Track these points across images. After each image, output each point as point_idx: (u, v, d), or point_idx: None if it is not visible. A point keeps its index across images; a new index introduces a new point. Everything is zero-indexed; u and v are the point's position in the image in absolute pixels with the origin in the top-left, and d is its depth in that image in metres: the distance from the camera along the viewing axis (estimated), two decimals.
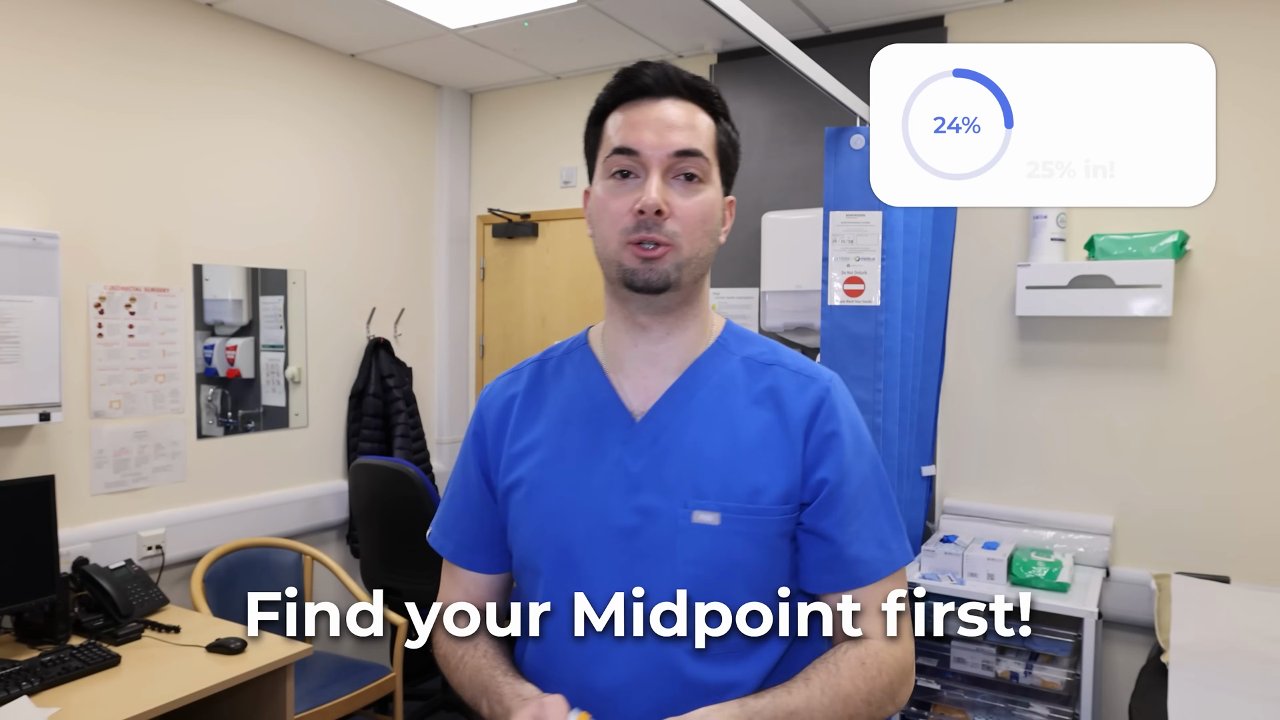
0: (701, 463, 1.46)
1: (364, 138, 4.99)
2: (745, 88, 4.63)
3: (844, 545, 1.47)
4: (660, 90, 1.49)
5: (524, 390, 1.62)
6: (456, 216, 5.50)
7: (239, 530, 4.28)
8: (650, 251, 1.44)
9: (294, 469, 4.66)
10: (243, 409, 4.41)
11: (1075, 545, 3.76)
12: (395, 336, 5.16)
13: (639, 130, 1.46)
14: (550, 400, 1.59)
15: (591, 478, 1.49)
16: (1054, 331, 3.92)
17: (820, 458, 1.48)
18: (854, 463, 1.50)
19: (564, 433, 1.54)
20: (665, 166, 1.46)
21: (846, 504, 1.48)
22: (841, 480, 1.48)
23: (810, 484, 1.48)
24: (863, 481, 1.50)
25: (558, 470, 1.52)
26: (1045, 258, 3.75)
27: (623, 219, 1.45)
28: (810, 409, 1.50)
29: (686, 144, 1.47)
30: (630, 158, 1.46)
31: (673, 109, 1.48)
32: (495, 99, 5.50)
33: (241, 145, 4.36)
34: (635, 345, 1.54)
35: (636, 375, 1.55)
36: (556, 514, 1.50)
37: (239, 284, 4.36)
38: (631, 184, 1.46)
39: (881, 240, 3.07)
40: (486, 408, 1.64)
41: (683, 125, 1.48)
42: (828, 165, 3.14)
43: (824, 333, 3.18)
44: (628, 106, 1.49)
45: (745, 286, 4.63)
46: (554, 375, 1.62)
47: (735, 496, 1.45)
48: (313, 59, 4.69)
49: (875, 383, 3.10)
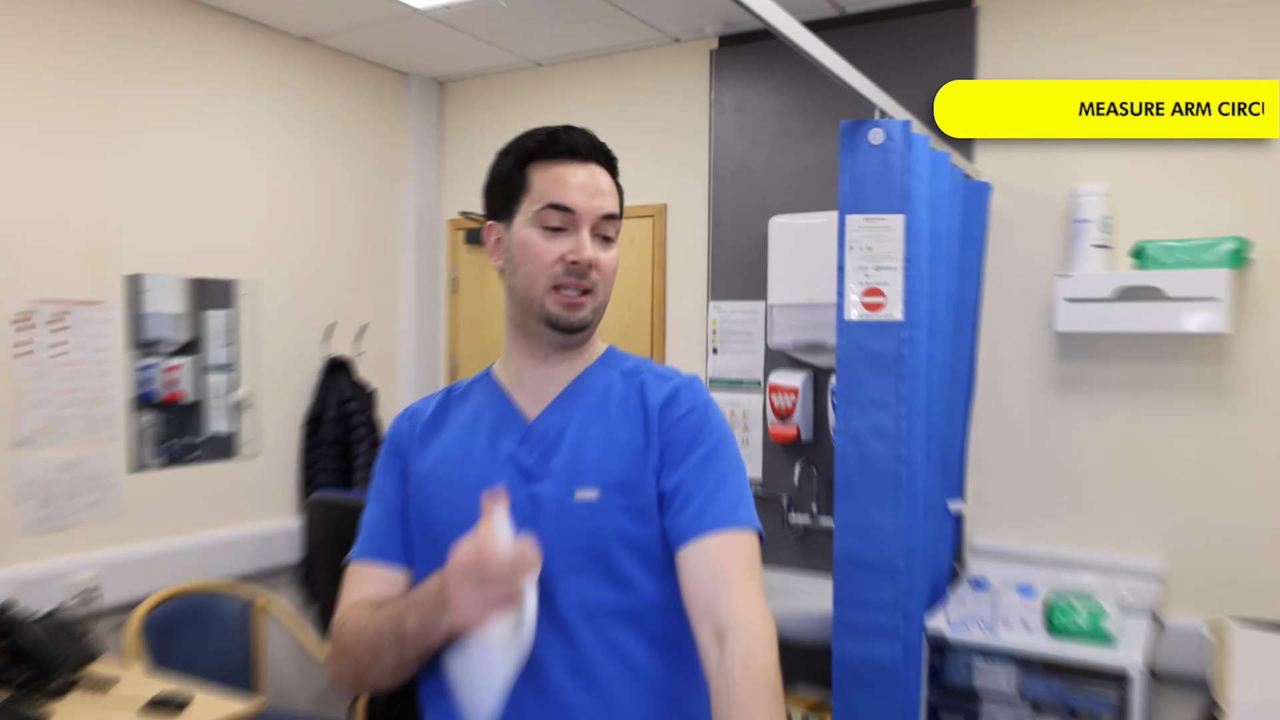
0: (582, 452, 1.83)
1: (322, 133, 4.98)
2: (750, 76, 4.62)
3: (693, 492, 1.78)
4: (587, 155, 1.86)
5: (434, 410, 1.99)
6: (425, 220, 5.49)
7: (181, 573, 4.24)
8: (576, 299, 1.84)
9: (243, 504, 4.63)
10: (185, 437, 4.38)
11: (1120, 590, 3.74)
12: (356, 355, 5.14)
13: (573, 191, 1.82)
14: (456, 416, 1.97)
15: (491, 473, 1.83)
16: (1097, 349, 3.91)
17: (671, 430, 1.84)
18: (701, 433, 1.84)
19: (468, 439, 1.91)
20: (592, 225, 1.84)
21: (695, 463, 1.81)
22: (690, 445, 1.82)
23: (663, 451, 1.83)
24: (712, 450, 1.83)
25: (463, 470, 1.87)
26: (1087, 267, 3.74)
27: (552, 266, 1.82)
28: (665, 397, 1.88)
29: (612, 209, 1.87)
30: (565, 215, 1.82)
31: (599, 175, 1.87)
32: (469, 89, 5.49)
33: (184, 140, 4.34)
34: (536, 369, 1.93)
35: (533, 390, 1.93)
36: (461, 504, 1.79)
37: (181, 296, 4.33)
38: (562, 237, 1.82)
39: (904, 246, 3.05)
40: (400, 426, 2.00)
41: (607, 191, 1.87)
42: (843, 162, 3.12)
43: (839, 351, 3.16)
44: (556, 164, 1.85)
45: (748, 300, 4.61)
46: (460, 399, 2.01)
47: (610, 475, 1.80)
48: (264, 44, 4.68)
49: (897, 407, 3.08)
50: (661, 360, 4.84)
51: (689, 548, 1.74)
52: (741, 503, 1.80)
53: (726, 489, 1.80)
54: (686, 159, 4.82)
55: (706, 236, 4.78)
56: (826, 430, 4.36)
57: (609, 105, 5.01)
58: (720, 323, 4.72)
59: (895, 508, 3.05)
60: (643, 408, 1.87)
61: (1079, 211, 3.78)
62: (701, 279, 4.79)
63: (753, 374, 4.65)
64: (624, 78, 4.99)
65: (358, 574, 1.92)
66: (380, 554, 1.92)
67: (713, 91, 4.75)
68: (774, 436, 4.45)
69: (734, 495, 1.80)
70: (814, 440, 4.47)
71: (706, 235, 4.78)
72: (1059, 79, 3.75)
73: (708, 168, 4.77)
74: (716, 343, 4.73)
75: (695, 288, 4.81)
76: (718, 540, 1.73)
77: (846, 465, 3.11)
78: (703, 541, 1.73)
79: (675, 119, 4.85)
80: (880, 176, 3.06)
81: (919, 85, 3.95)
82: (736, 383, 4.68)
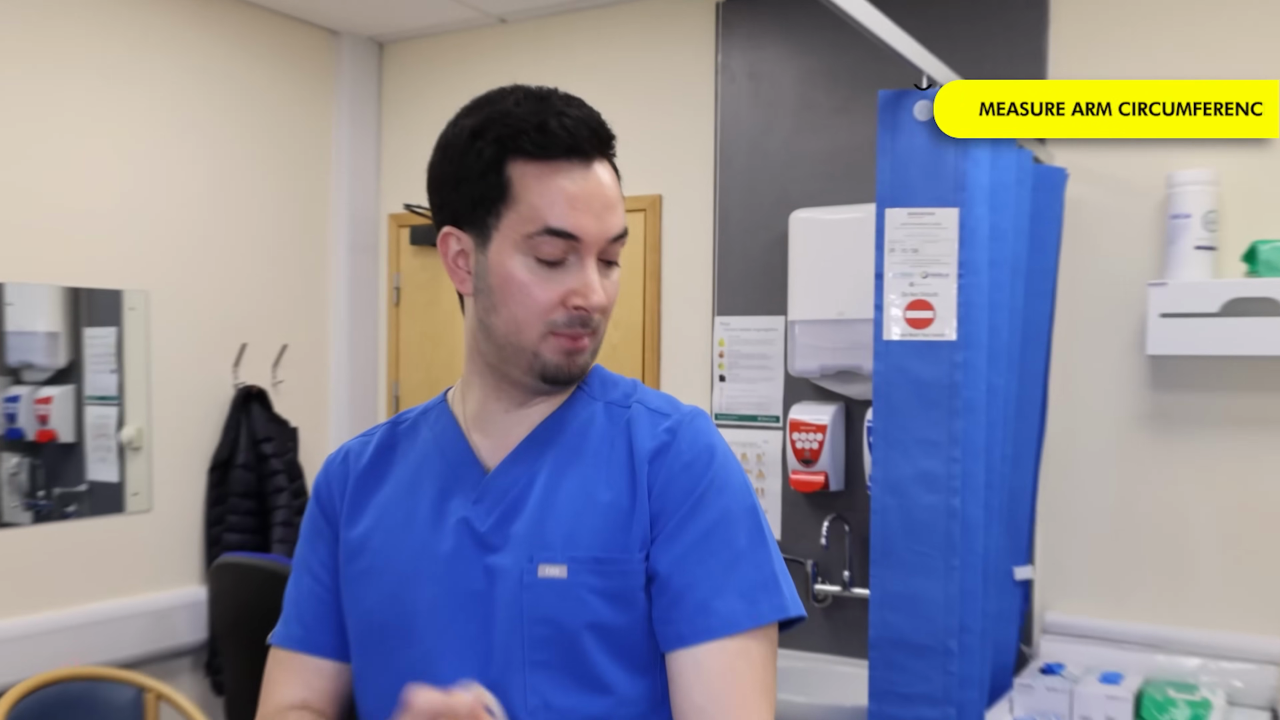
0: (549, 514, 1.74)
1: (229, 106, 4.98)
2: (766, 37, 4.62)
3: (687, 587, 1.69)
4: (591, 149, 1.71)
5: (373, 453, 1.91)
6: (360, 216, 5.49)
7: (56, 656, 4.19)
8: (577, 345, 1.73)
9: (133, 570, 4.62)
10: (60, 486, 4.37)
11: (1230, 678, 3.73)
12: (274, 384, 5.14)
13: (579, 213, 1.68)
14: (400, 463, 1.89)
15: (435, 545, 1.76)
16: (1201, 377, 3.91)
17: (665, 490, 1.73)
18: (705, 495, 1.73)
19: (410, 496, 1.83)
20: (599, 251, 1.72)
21: (696, 538, 1.71)
22: (689, 512, 1.72)
23: (654, 518, 1.73)
24: (720, 518, 1.73)
25: (400, 540, 1.80)
26: (1188, 273, 3.73)
27: (551, 311, 1.70)
28: (660, 443, 1.77)
29: (620, 227, 1.74)
30: (567, 241, 1.68)
31: (605, 176, 1.73)
32: (415, 51, 5.50)
33: (58, 118, 4.32)
34: (507, 413, 1.83)
35: (498, 433, 1.83)
36: (399, 591, 1.76)
37: (54, 311, 4.32)
38: (561, 271, 1.70)
39: (959, 249, 3.04)
40: (329, 474, 1.94)
41: (615, 201, 1.73)
42: (882, 143, 3.12)
43: (877, 378, 3.15)
44: (551, 167, 1.69)
45: (764, 315, 4.60)
46: (406, 436, 1.92)
47: (582, 547, 1.71)
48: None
49: (949, 449, 3.07)
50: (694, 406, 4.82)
51: (682, 656, 1.68)
52: (761, 589, 1.71)
53: (737, 575, 1.70)
54: (686, 139, 4.82)
55: (711, 236, 4.78)
56: (861, 478, 4.36)
57: (589, 72, 5.00)
58: (729, 344, 4.71)
59: (946, 575, 3.04)
60: (629, 455, 1.77)
61: (1177, 205, 3.78)
62: (705, 289, 4.79)
63: (769, 408, 4.64)
64: (608, 38, 5.00)
65: (281, 665, 1.88)
66: (305, 644, 1.87)
67: (720, 55, 4.75)
68: (796, 486, 4.44)
69: (748, 582, 1.71)
70: (846, 490, 4.46)
71: (711, 234, 4.78)
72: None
73: (713, 150, 4.77)
74: (724, 369, 4.72)
75: (697, 300, 4.81)
76: (721, 651, 1.66)
77: (886, 522, 3.10)
78: (701, 652, 1.66)
79: (672, 89, 4.85)
80: (928, 161, 3.06)
81: (975, 49, 3.95)
82: (749, 419, 4.67)
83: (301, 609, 1.89)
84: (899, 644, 3.09)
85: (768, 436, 4.63)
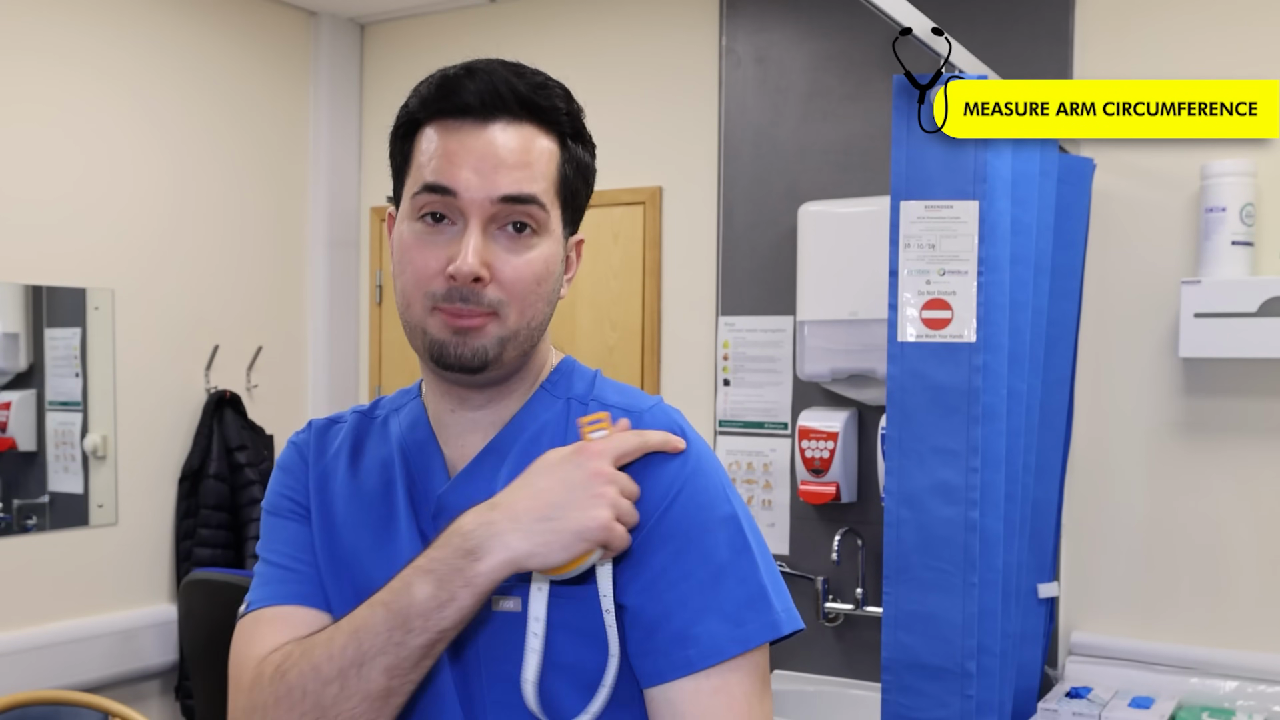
0: None
1: (202, 94, 4.98)
2: (773, 18, 4.62)
3: (666, 609, 1.61)
4: (487, 110, 1.66)
5: (342, 446, 1.86)
6: (340, 210, 5.49)
7: (15, 681, 4.21)
8: (466, 320, 1.64)
9: (97, 587, 4.62)
10: (19, 497, 4.38)
11: (1269, 702, 3.74)
12: (248, 389, 5.15)
13: (456, 165, 1.63)
14: (366, 463, 1.83)
15: (394, 564, 1.63)
16: (1237, 381, 3.91)
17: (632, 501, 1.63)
18: (681, 505, 1.65)
19: (374, 505, 1.78)
20: (488, 215, 1.64)
21: (667, 558, 1.63)
22: (656, 527, 1.63)
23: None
24: (698, 529, 1.65)
25: (361, 553, 1.75)
26: (1224, 270, 3.74)
27: (431, 280, 1.64)
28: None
29: (516, 188, 1.64)
30: (443, 198, 1.64)
31: (503, 136, 1.66)
32: (398, 33, 5.51)
33: (15, 104, 4.33)
34: (453, 412, 1.78)
35: (454, 442, 1.78)
36: (358, 596, 1.65)
37: (14, 310, 4.33)
38: (446, 232, 1.65)
39: (979, 244, 3.04)
40: (298, 454, 1.87)
41: (514, 162, 1.65)
42: (897, 132, 3.12)
43: (891, 383, 3.15)
44: (445, 125, 1.67)
45: (771, 315, 4.60)
46: (377, 433, 1.86)
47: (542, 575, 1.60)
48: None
49: (969, 459, 3.07)
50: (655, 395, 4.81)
51: (659, 694, 1.61)
52: (748, 607, 1.63)
53: (719, 594, 1.62)
54: (688, 127, 4.82)
55: (715, 230, 4.78)
56: (875, 489, 4.36)
57: (584, 56, 5.00)
58: (733, 346, 4.72)
59: (965, 593, 3.04)
60: None
61: (1212, 197, 3.78)
62: (709, 287, 4.80)
63: (777, 414, 4.65)
64: (604, 19, 5.00)
65: (267, 621, 1.74)
66: (301, 597, 1.75)
67: (724, 37, 4.75)
68: (805, 497, 4.44)
69: (731, 602, 1.63)
70: (858, 502, 4.47)
71: (715, 229, 4.78)
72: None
73: (717, 139, 4.77)
74: (728, 372, 4.73)
75: (700, 299, 4.81)
76: (701, 688, 1.59)
77: (901, 536, 3.10)
78: (679, 688, 1.60)
79: (674, 74, 4.85)
80: (947, 150, 3.06)
81: (995, 33, 3.95)
82: (755, 426, 4.67)
83: (285, 567, 1.78)
84: (914, 666, 3.08)
85: (775, 445, 4.63)
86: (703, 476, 1.68)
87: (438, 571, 1.53)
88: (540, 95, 1.68)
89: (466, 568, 1.52)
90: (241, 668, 1.69)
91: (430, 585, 1.53)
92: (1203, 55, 3.84)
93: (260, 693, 1.62)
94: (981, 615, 3.12)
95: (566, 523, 1.53)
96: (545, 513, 1.54)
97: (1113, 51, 4.01)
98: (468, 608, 1.53)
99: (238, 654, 1.72)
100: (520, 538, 1.53)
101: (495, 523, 1.54)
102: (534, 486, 1.58)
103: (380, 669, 1.54)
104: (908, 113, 3.09)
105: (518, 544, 1.52)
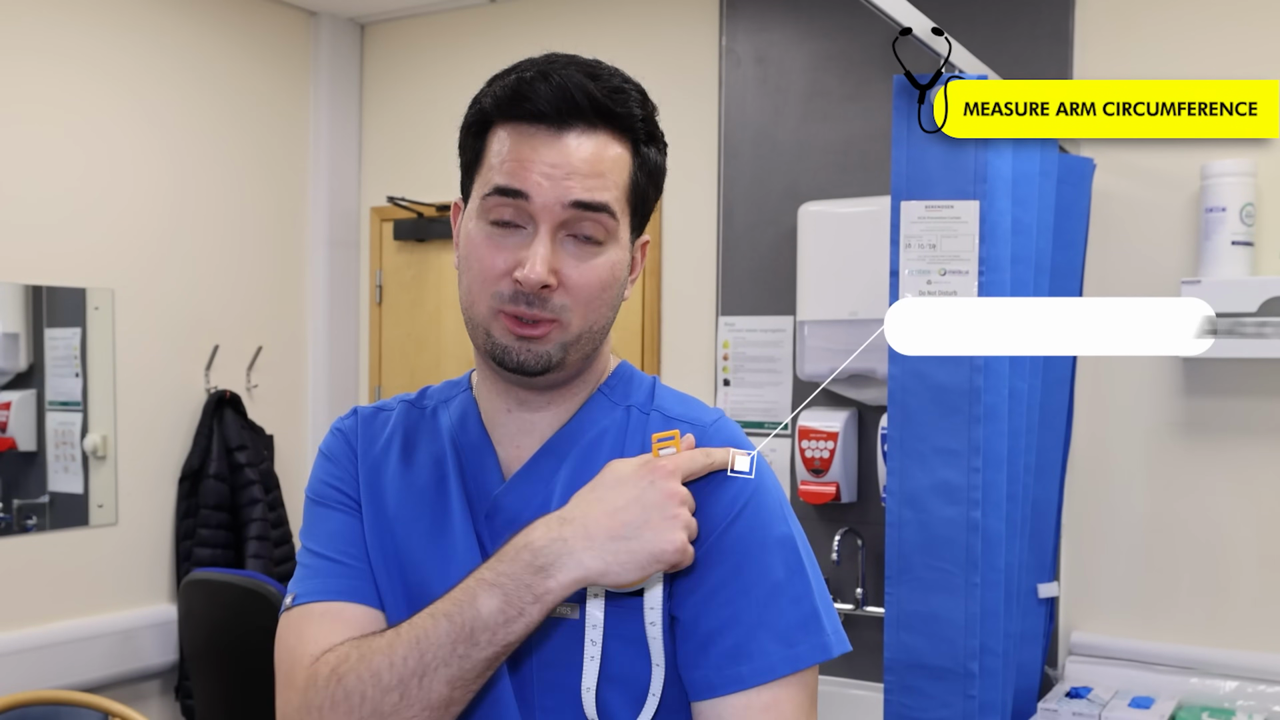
0: None
1: (202, 94, 4.98)
2: (774, 18, 4.62)
3: (721, 624, 1.62)
4: (561, 117, 1.65)
5: (391, 439, 1.84)
6: (340, 210, 5.49)
7: (14, 681, 4.20)
8: (529, 329, 1.64)
9: (97, 587, 4.62)
10: (19, 497, 4.37)
11: (1270, 702, 3.75)
12: (248, 389, 5.14)
13: (528, 169, 1.63)
14: (419, 457, 1.82)
15: (448, 563, 1.69)
16: (1239, 382, 3.91)
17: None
18: (744, 522, 1.65)
19: (427, 501, 1.77)
20: (558, 220, 1.64)
21: (725, 575, 1.63)
22: (717, 543, 1.64)
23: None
24: (757, 547, 1.65)
25: (414, 550, 1.74)
26: (1224, 270, 3.74)
27: (498, 281, 1.64)
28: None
29: (588, 196, 1.64)
30: (515, 202, 1.63)
31: (576, 144, 1.66)
32: (398, 32, 5.50)
33: (16, 104, 4.32)
34: (510, 412, 1.78)
35: (508, 442, 1.78)
36: (413, 597, 1.69)
37: (14, 310, 4.33)
38: (515, 236, 1.65)
39: (979, 244, 3.04)
40: (350, 434, 1.86)
41: (587, 170, 1.65)
42: (897, 132, 3.12)
43: (892, 383, 3.15)
44: (518, 128, 1.67)
45: (772, 314, 4.60)
46: (427, 426, 1.85)
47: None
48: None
49: (970, 459, 3.06)
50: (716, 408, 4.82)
51: (709, 708, 1.61)
52: (800, 628, 1.65)
53: (773, 612, 1.64)
54: (688, 127, 4.81)
55: (715, 230, 4.78)
56: (875, 489, 4.37)
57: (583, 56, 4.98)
58: (733, 345, 4.72)
59: (966, 593, 3.04)
60: None
61: (1212, 197, 3.78)
62: (708, 287, 4.80)
63: (777, 414, 4.64)
64: (604, 19, 5.00)
65: (316, 617, 1.71)
66: (349, 592, 1.73)
67: (724, 37, 4.75)
68: (805, 498, 4.44)
69: (785, 621, 1.64)
70: (859, 502, 4.47)
71: (715, 228, 4.78)
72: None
73: (716, 139, 4.77)
74: (728, 372, 4.73)
75: (700, 299, 4.81)
76: (752, 704, 1.60)
77: (902, 536, 3.10)
78: (730, 704, 1.60)
79: (673, 74, 4.85)
80: (947, 150, 3.06)
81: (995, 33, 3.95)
82: (755, 425, 4.67)
83: (336, 561, 1.76)
84: (916, 667, 3.08)
85: (775, 445, 4.62)
86: (764, 494, 1.68)
87: (505, 586, 1.53)
88: (615, 101, 1.70)
89: (536, 584, 1.53)
90: (294, 665, 1.67)
91: (497, 600, 1.52)
92: (1203, 55, 3.86)
93: (315, 694, 1.61)
94: (983, 615, 3.11)
95: (642, 543, 1.54)
96: (620, 532, 1.54)
97: (1113, 51, 4.02)
98: (535, 623, 1.54)
99: (288, 649, 1.70)
100: (594, 556, 1.53)
101: (568, 540, 1.54)
102: (607, 503, 1.57)
103: (443, 680, 1.54)
104: (908, 113, 3.09)
105: (591, 562, 1.53)
